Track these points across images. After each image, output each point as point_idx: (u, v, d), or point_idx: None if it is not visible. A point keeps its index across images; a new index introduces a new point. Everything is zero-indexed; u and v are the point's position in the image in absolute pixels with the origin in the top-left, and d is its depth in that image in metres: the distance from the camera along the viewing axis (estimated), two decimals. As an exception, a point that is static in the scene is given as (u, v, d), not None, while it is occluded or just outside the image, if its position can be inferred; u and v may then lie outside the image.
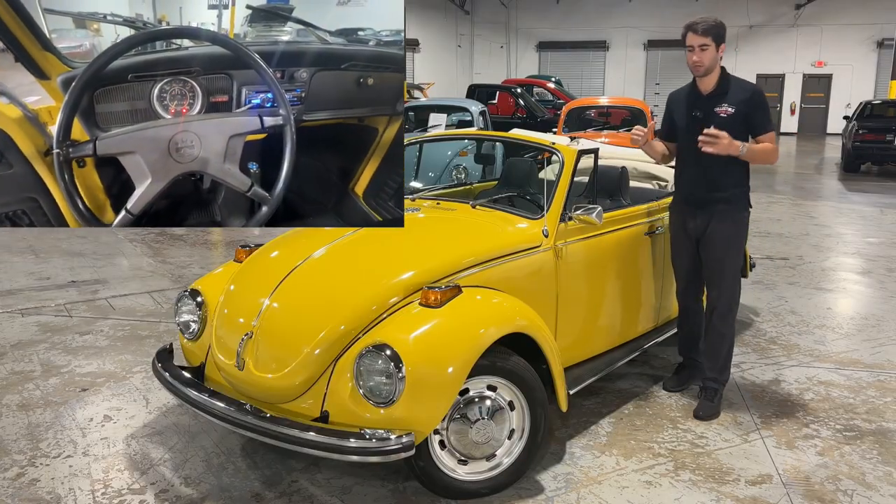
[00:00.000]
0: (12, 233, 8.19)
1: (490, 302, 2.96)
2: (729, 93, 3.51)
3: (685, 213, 3.69)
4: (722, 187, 3.55)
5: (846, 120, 16.10)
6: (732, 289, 3.65)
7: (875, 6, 25.71)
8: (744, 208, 3.63)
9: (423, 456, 2.74)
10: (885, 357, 4.50)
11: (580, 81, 28.91)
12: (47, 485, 2.98)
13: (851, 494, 2.96)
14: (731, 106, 3.48)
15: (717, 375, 3.70)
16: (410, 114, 10.53)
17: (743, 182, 3.60)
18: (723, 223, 3.57)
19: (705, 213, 3.59)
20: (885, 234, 8.52)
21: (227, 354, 2.94)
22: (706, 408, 3.65)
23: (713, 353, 3.71)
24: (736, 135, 3.42)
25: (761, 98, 3.51)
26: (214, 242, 7.94)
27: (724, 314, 3.65)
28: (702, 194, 3.60)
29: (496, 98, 16.96)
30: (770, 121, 3.55)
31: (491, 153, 7.06)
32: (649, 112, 10.78)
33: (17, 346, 4.59)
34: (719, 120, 3.48)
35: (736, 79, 3.57)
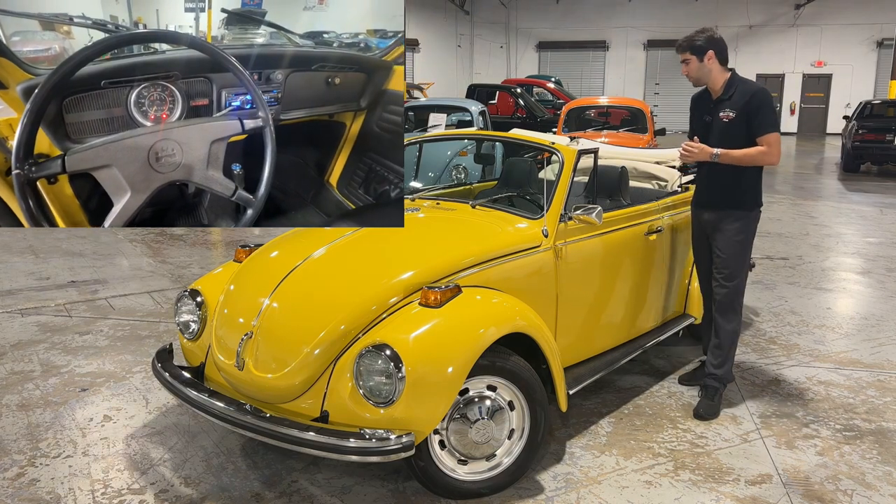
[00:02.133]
0: (13, 233, 8.19)
1: (490, 302, 2.96)
2: (733, 97, 3.60)
3: (700, 210, 3.84)
4: (731, 187, 3.66)
5: (846, 120, 16.10)
6: (735, 285, 3.70)
7: (875, 6, 25.72)
8: (752, 207, 3.71)
9: (422, 456, 2.74)
10: (884, 357, 4.50)
11: (580, 81, 28.91)
12: (47, 485, 2.98)
13: (851, 494, 2.96)
14: (732, 111, 3.59)
15: (717, 373, 3.72)
16: (410, 114, 10.52)
17: (752, 182, 3.69)
18: (730, 221, 3.68)
19: (716, 211, 3.72)
20: (884, 233, 8.53)
21: (226, 354, 2.94)
22: (706, 406, 3.67)
23: (714, 349, 3.77)
24: (739, 137, 3.56)
25: (761, 100, 3.56)
26: (214, 242, 7.93)
27: (726, 309, 3.71)
28: (713, 193, 3.73)
29: (496, 98, 16.96)
30: (770, 123, 3.59)
31: (491, 153, 7.06)
32: (649, 112, 10.77)
33: (16, 346, 4.59)
34: (721, 125, 3.62)
35: (743, 82, 3.64)
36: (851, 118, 15.36)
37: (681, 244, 4.28)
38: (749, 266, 3.85)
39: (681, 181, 4.60)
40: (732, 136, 3.58)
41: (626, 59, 29.07)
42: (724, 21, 26.79)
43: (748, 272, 3.85)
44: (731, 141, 3.59)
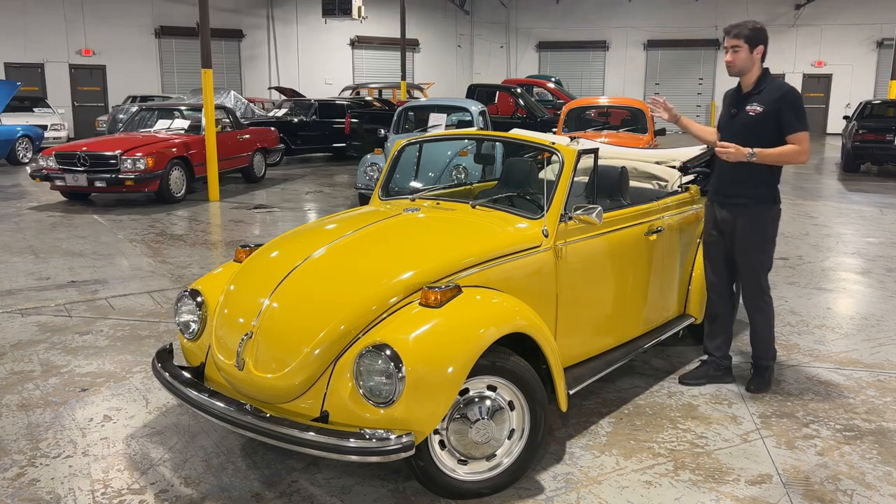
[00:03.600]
0: (13, 233, 8.19)
1: (490, 302, 2.96)
2: (763, 92, 3.65)
3: (716, 206, 3.90)
4: (748, 183, 3.72)
5: (846, 120, 16.09)
6: (759, 281, 3.84)
7: (875, 6, 25.72)
8: (770, 204, 3.76)
9: (422, 456, 2.74)
10: (884, 357, 4.50)
11: (580, 81, 28.91)
12: (47, 485, 2.98)
13: (851, 494, 2.96)
14: (760, 105, 3.63)
15: (762, 354, 3.95)
16: (410, 114, 10.53)
17: (769, 179, 3.73)
18: (748, 218, 3.75)
19: (733, 208, 3.78)
20: (884, 233, 8.53)
21: (226, 354, 2.93)
22: (757, 383, 3.92)
23: (754, 338, 3.98)
24: (764, 133, 3.61)
25: (792, 98, 3.61)
26: (214, 242, 7.94)
27: (756, 303, 3.89)
28: (729, 189, 3.80)
29: (496, 98, 16.96)
30: (800, 122, 3.62)
31: (491, 153, 7.04)
32: (649, 112, 10.76)
33: (16, 346, 4.59)
34: (747, 118, 3.66)
35: (775, 80, 3.68)
36: (851, 118, 15.35)
37: (681, 244, 4.28)
38: (769, 262, 3.88)
39: (681, 181, 4.60)
40: (755, 130, 3.62)
41: (626, 59, 29.06)
42: (724, 21, 26.75)
43: (769, 266, 3.90)
44: (752, 135, 3.64)
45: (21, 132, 15.51)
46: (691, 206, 4.42)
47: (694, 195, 4.48)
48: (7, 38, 22.10)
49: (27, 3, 22.32)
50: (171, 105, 13.11)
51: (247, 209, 10.09)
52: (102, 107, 23.47)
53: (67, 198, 10.60)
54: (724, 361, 4.06)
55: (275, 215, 9.68)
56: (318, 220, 3.80)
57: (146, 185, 9.91)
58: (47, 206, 10.21)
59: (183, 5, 24.06)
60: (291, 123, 15.84)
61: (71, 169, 9.85)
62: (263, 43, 26.77)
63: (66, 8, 23.02)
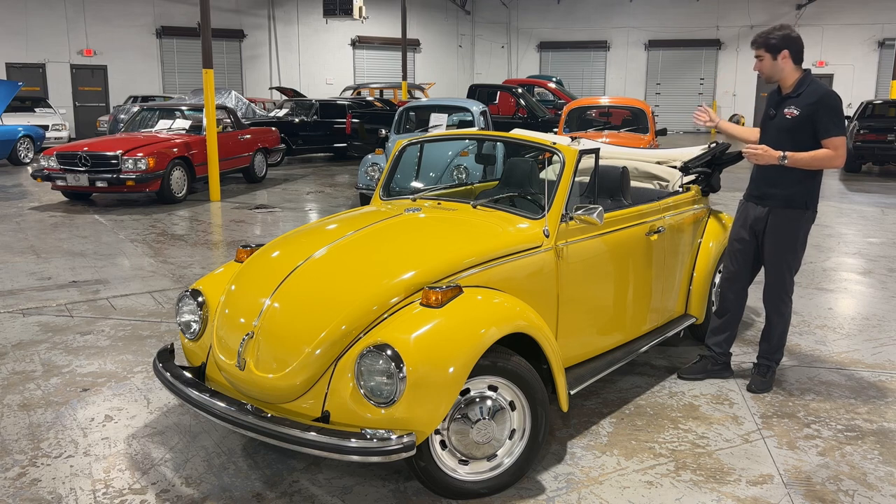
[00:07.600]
0: (14, 233, 8.20)
1: (491, 302, 2.96)
2: (801, 95, 3.67)
3: (749, 204, 3.93)
4: (780, 185, 3.74)
5: (847, 120, 16.08)
6: (783, 281, 3.87)
7: (876, 6, 25.71)
8: (803, 208, 3.76)
9: (423, 456, 2.74)
10: (886, 357, 4.49)
11: (581, 81, 28.91)
12: (48, 485, 2.99)
13: (853, 495, 2.96)
14: (797, 108, 3.65)
15: (770, 355, 3.97)
16: (411, 114, 10.53)
17: (804, 181, 3.73)
18: (778, 219, 3.78)
19: (765, 208, 3.81)
20: (886, 234, 8.52)
21: (228, 354, 2.94)
22: (758, 383, 3.94)
23: (766, 337, 3.98)
24: (800, 136, 3.63)
25: (828, 102, 3.62)
26: (215, 242, 7.94)
27: (776, 303, 3.92)
28: (763, 189, 3.83)
29: (497, 98, 16.97)
30: (836, 126, 3.62)
31: (492, 153, 7.03)
32: (650, 112, 10.76)
33: (18, 346, 4.59)
34: (784, 120, 3.69)
35: (815, 83, 3.70)
36: (853, 118, 15.34)
37: (682, 244, 4.28)
38: (797, 264, 3.88)
39: (682, 181, 4.60)
40: (792, 133, 3.64)
41: (627, 59, 29.06)
42: (724, 21, 26.80)
43: (796, 268, 3.90)
44: (789, 138, 3.65)
45: (22, 132, 15.52)
46: (692, 206, 4.42)
47: (695, 195, 4.48)
48: (8, 38, 22.11)
49: (28, 3, 22.33)
50: (172, 105, 13.10)
51: (248, 209, 10.09)
52: (103, 107, 23.50)
53: (69, 198, 10.61)
54: (723, 357, 4.07)
55: (276, 215, 9.68)
56: (319, 221, 3.80)
57: (147, 186, 9.92)
58: (48, 206, 10.22)
59: (184, 5, 24.09)
60: (292, 123, 15.85)
61: (72, 169, 9.86)
62: (264, 43, 26.78)
63: (68, 8, 23.03)
